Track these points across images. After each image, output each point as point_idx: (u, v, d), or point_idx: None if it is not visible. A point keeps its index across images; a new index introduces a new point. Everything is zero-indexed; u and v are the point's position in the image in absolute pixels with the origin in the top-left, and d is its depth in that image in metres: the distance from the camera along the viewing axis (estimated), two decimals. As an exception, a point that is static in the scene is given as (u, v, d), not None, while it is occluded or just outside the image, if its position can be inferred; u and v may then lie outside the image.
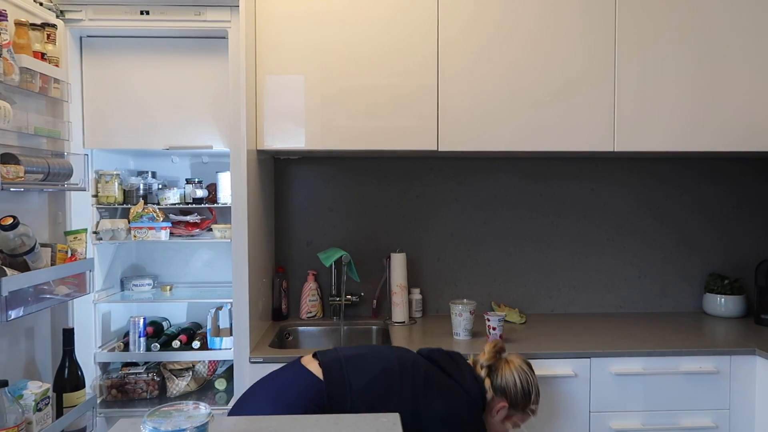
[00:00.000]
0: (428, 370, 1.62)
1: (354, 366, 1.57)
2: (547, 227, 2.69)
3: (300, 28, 2.22)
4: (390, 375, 1.56)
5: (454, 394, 1.60)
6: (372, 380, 1.54)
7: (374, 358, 1.61)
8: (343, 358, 1.59)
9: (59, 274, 1.85)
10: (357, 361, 1.59)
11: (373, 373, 1.56)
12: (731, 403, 2.09)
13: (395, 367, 1.58)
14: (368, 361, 1.59)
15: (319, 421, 1.27)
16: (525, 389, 1.68)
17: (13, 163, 1.64)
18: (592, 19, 2.27)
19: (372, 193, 2.66)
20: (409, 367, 1.59)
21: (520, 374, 1.69)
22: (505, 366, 1.71)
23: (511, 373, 1.69)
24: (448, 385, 1.61)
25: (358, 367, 1.57)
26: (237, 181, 2.08)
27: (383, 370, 1.57)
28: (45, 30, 1.88)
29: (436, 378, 1.61)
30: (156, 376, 2.30)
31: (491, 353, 1.72)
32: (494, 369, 1.71)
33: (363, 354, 1.63)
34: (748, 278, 2.64)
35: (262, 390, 1.58)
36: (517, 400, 1.68)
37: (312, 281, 2.59)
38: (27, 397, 1.66)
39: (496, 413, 1.68)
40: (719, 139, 2.31)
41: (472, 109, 2.26)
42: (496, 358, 1.72)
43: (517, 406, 1.68)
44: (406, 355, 1.65)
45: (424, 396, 1.55)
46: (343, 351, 1.64)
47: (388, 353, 1.65)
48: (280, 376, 1.60)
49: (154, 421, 1.01)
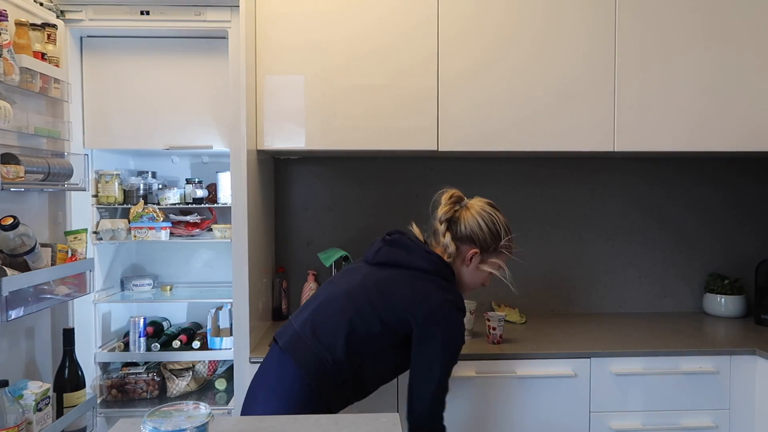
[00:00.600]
0: (378, 281, 1.59)
1: (311, 328, 1.56)
2: (548, 227, 2.69)
3: (300, 28, 2.22)
4: (345, 314, 1.55)
5: (414, 283, 1.58)
6: (332, 330, 1.53)
7: (326, 307, 1.59)
8: (299, 329, 1.58)
9: (59, 274, 1.85)
10: (312, 322, 1.57)
11: (330, 324, 1.55)
12: (731, 403, 2.09)
13: (347, 304, 1.56)
14: (322, 316, 1.58)
15: (319, 421, 1.28)
16: (491, 229, 1.65)
17: (13, 163, 1.65)
18: (592, 19, 2.27)
19: (372, 194, 2.66)
20: (358, 294, 1.57)
21: (483, 216, 1.65)
22: (466, 213, 1.67)
23: (474, 218, 1.65)
24: (404, 280, 1.59)
25: (315, 326, 1.56)
26: (237, 181, 2.08)
27: (338, 314, 1.56)
28: (45, 30, 1.88)
29: (389, 284, 1.58)
30: (156, 376, 2.30)
31: (448, 205, 1.68)
32: (455, 220, 1.67)
33: (314, 310, 1.60)
34: (748, 278, 2.64)
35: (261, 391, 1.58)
36: (486, 241, 1.64)
37: (312, 281, 2.59)
38: (27, 397, 1.66)
39: (469, 261, 1.66)
40: (719, 140, 2.31)
41: (473, 110, 2.26)
42: (455, 209, 1.68)
43: (488, 248, 1.65)
44: (352, 280, 1.62)
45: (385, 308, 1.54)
46: (297, 320, 1.62)
47: (337, 291, 1.62)
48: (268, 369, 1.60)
49: (154, 421, 1.01)
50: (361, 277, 1.63)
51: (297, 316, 1.65)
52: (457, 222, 1.67)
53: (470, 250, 1.65)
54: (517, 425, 2.05)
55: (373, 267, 1.65)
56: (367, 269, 1.66)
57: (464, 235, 1.65)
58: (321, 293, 1.67)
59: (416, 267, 1.61)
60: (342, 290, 1.61)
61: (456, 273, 1.67)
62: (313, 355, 1.53)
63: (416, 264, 1.61)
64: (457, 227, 1.66)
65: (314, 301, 1.66)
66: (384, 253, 1.66)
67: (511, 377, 2.04)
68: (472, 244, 1.65)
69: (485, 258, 1.67)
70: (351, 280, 1.64)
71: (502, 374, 2.03)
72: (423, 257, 1.62)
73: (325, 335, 1.54)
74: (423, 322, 1.53)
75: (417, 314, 1.53)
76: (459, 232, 1.66)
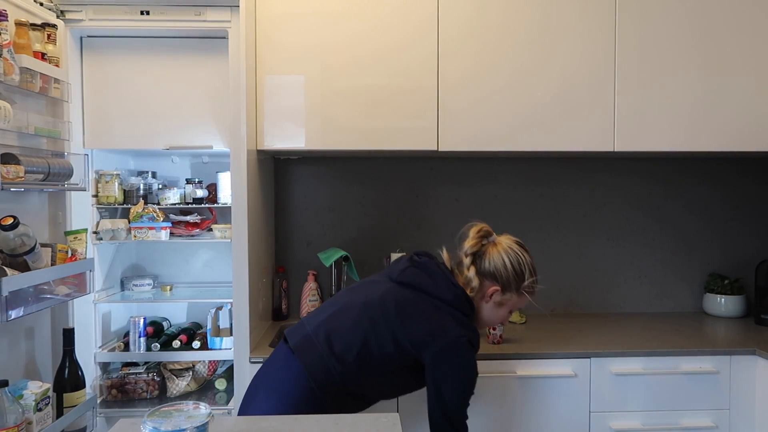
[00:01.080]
0: (398, 301, 1.57)
1: (324, 334, 1.55)
2: (547, 227, 2.69)
3: (300, 28, 2.22)
4: (361, 327, 1.54)
5: (433, 312, 1.56)
6: (346, 340, 1.53)
7: (342, 315, 1.58)
8: (312, 332, 1.56)
9: (59, 274, 1.85)
10: (327, 327, 1.56)
11: (345, 333, 1.54)
12: (731, 403, 2.08)
13: (363, 317, 1.55)
14: (337, 323, 1.56)
15: (319, 421, 1.28)
16: (516, 269, 1.61)
17: (13, 163, 1.65)
18: (592, 20, 2.27)
19: (372, 193, 2.66)
20: (377, 310, 1.56)
21: (509, 254, 1.62)
22: (492, 249, 1.64)
23: (500, 255, 1.62)
24: (424, 307, 1.57)
25: (329, 332, 1.55)
26: (237, 181, 2.08)
27: (353, 325, 1.54)
28: (45, 30, 1.88)
29: (409, 306, 1.57)
30: (156, 376, 2.30)
31: (475, 239, 1.66)
32: (480, 254, 1.64)
33: (330, 316, 1.59)
34: (748, 278, 2.64)
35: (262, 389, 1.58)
36: (509, 281, 1.62)
37: (312, 281, 2.59)
38: (27, 397, 1.66)
39: (489, 298, 1.64)
40: (720, 139, 2.31)
41: (473, 109, 2.26)
42: (482, 243, 1.66)
43: (509, 287, 1.62)
44: (372, 294, 1.61)
45: (401, 330, 1.53)
46: (310, 323, 1.60)
47: (355, 300, 1.61)
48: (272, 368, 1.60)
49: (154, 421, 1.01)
50: (381, 291, 1.61)
51: (311, 318, 1.63)
52: (482, 257, 1.64)
53: (491, 287, 1.63)
54: (517, 425, 2.05)
55: (395, 284, 1.63)
56: (388, 285, 1.63)
57: (488, 271, 1.63)
58: (338, 300, 1.66)
59: (439, 296, 1.59)
60: (360, 301, 1.60)
61: (475, 308, 1.66)
62: (322, 362, 1.52)
63: (440, 293, 1.59)
64: (481, 262, 1.64)
65: (331, 307, 1.63)
66: (409, 274, 1.64)
67: (511, 377, 2.04)
68: (494, 281, 1.63)
69: (506, 297, 1.65)
70: (370, 292, 1.62)
71: (502, 374, 2.03)
72: (448, 287, 1.60)
73: (338, 344, 1.53)
74: (437, 356, 1.52)
75: (432, 347, 1.52)
76: (483, 268, 1.63)
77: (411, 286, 1.61)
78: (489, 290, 1.63)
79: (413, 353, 1.54)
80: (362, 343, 1.52)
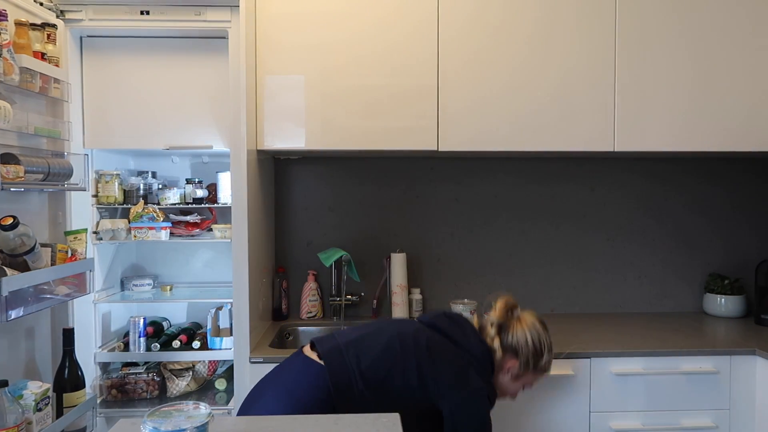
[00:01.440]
0: (430, 339, 1.61)
1: (354, 350, 1.56)
2: (548, 227, 2.69)
3: (300, 28, 2.22)
4: (391, 352, 1.55)
5: (460, 360, 1.60)
6: (374, 361, 1.54)
7: (374, 338, 1.60)
8: (342, 345, 1.57)
9: (59, 274, 1.85)
10: (357, 345, 1.57)
11: (374, 354, 1.55)
12: (731, 403, 2.08)
13: (395, 344, 1.57)
14: (368, 343, 1.58)
15: (319, 421, 1.27)
16: (537, 348, 1.67)
17: (13, 163, 1.64)
18: (592, 19, 2.27)
19: (372, 193, 2.66)
20: (410, 341, 1.58)
21: (532, 333, 1.67)
22: (517, 324, 1.69)
23: (524, 332, 1.67)
24: (453, 352, 1.61)
25: (359, 350, 1.56)
26: (237, 181, 2.08)
27: (384, 349, 1.56)
28: (45, 30, 1.88)
29: (439, 346, 1.60)
30: (156, 376, 2.30)
31: (502, 311, 1.70)
32: (505, 327, 1.69)
33: (362, 336, 1.61)
34: (748, 278, 2.63)
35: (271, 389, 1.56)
36: (528, 358, 1.67)
37: (312, 281, 2.59)
38: (27, 397, 1.66)
39: (507, 372, 1.68)
40: (719, 139, 2.31)
41: (473, 109, 2.26)
42: (508, 317, 1.71)
43: (528, 365, 1.67)
44: (406, 328, 1.64)
45: (429, 366, 1.55)
46: (341, 337, 1.62)
47: (388, 328, 1.63)
48: (285, 371, 1.59)
49: (155, 421, 1.01)
50: (414, 329, 1.65)
51: (342, 334, 1.65)
52: (506, 330, 1.69)
53: (510, 361, 1.68)
54: (517, 425, 2.05)
55: (426, 327, 1.68)
56: (420, 326, 1.68)
57: (510, 345, 1.68)
58: (371, 325, 1.69)
59: (468, 348, 1.63)
60: (394, 330, 1.62)
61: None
62: (347, 375, 1.52)
63: (469, 346, 1.64)
64: (506, 336, 1.68)
65: (364, 329, 1.66)
66: (441, 323, 1.69)
67: (511, 377, 2.04)
68: (514, 356, 1.68)
69: (522, 372, 1.69)
70: (403, 326, 1.66)
71: (502, 374, 2.03)
72: (476, 343, 1.65)
73: (365, 363, 1.54)
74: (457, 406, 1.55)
75: (454, 396, 1.56)
76: (506, 341, 1.68)
77: (441, 332, 1.66)
78: (508, 364, 1.68)
79: (433, 394, 1.56)
80: (388, 369, 1.54)
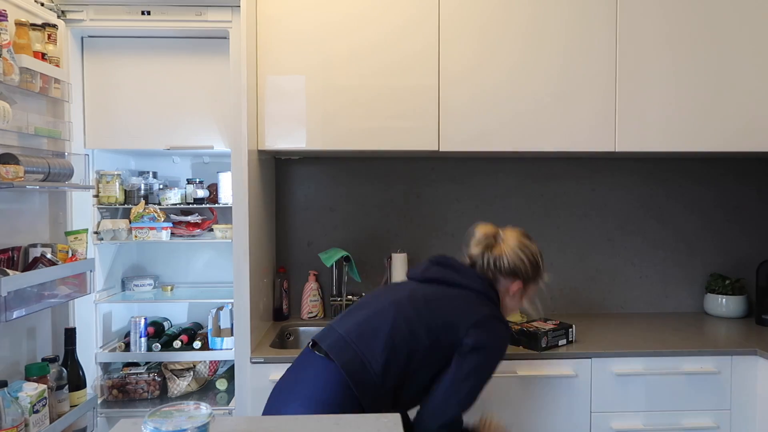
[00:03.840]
0: (426, 294, 1.61)
1: (360, 338, 1.54)
2: (548, 227, 2.68)
3: (300, 28, 2.22)
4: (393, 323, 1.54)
5: (465, 299, 1.60)
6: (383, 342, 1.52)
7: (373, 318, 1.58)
8: (345, 335, 1.55)
9: (59, 274, 1.85)
10: (359, 329, 1.55)
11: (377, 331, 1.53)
12: (732, 403, 2.08)
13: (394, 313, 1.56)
14: (368, 323, 1.56)
15: (319, 421, 1.27)
16: (532, 262, 1.68)
17: (12, 163, 1.64)
18: (593, 20, 2.27)
19: (373, 194, 2.66)
20: (406, 306, 1.57)
21: (523, 250, 1.68)
22: (505, 247, 1.68)
23: (514, 252, 1.67)
24: (453, 294, 1.61)
25: (362, 333, 1.54)
26: (238, 182, 2.08)
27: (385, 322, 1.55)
28: (46, 30, 1.88)
29: (437, 296, 1.61)
30: (157, 376, 2.30)
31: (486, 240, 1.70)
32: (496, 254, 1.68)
33: (361, 320, 1.58)
34: (750, 278, 2.63)
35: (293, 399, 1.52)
36: (528, 275, 1.68)
37: (313, 281, 2.59)
38: (22, 399, 1.65)
39: (513, 294, 1.69)
40: (720, 140, 2.31)
41: (473, 110, 2.26)
42: (493, 243, 1.70)
43: (530, 280, 1.69)
44: (399, 294, 1.63)
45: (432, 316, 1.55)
46: (341, 327, 1.59)
47: (383, 303, 1.61)
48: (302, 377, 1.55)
49: (155, 422, 1.01)
50: (408, 291, 1.64)
51: (340, 323, 1.62)
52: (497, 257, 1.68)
53: (513, 284, 1.68)
54: (518, 425, 2.05)
55: (420, 283, 1.67)
56: (414, 285, 1.67)
57: (507, 270, 1.67)
58: (365, 304, 1.66)
59: (467, 287, 1.63)
60: (388, 301, 1.61)
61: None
62: (358, 360, 1.50)
63: (468, 284, 1.63)
64: (499, 262, 1.67)
65: (359, 310, 1.64)
66: (434, 272, 1.68)
67: (511, 377, 2.04)
68: (515, 278, 1.68)
69: (527, 287, 1.71)
70: (397, 292, 1.65)
71: (502, 374, 2.02)
72: (474, 279, 1.65)
73: (371, 343, 1.52)
74: (471, 329, 1.54)
75: (466, 321, 1.54)
76: (501, 267, 1.67)
77: (437, 282, 1.66)
78: (513, 287, 1.68)
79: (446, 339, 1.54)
80: (395, 341, 1.52)
